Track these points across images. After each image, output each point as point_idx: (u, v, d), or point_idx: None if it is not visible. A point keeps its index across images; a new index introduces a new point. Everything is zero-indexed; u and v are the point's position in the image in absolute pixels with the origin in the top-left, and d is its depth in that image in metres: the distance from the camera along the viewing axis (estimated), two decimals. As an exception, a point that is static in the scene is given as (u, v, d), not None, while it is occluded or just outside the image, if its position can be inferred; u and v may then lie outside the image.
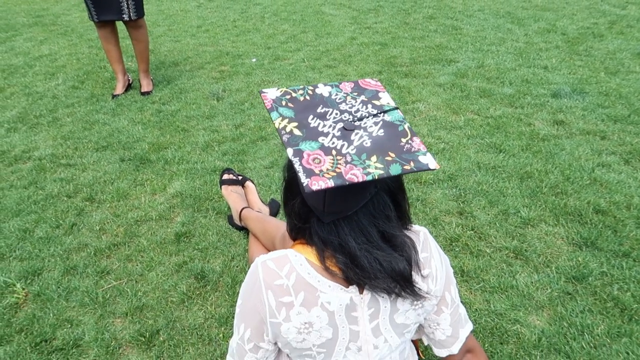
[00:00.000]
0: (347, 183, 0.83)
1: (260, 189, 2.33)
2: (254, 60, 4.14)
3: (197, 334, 1.63)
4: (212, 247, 2.02)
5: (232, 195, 2.12)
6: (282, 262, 1.01)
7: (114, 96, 3.46)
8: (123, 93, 3.50)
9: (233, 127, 3.02)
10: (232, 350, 1.14)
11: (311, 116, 0.94)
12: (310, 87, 1.00)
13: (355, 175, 0.84)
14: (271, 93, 0.97)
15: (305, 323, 1.00)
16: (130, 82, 3.62)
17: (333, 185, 0.82)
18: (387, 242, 0.99)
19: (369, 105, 0.99)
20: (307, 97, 0.98)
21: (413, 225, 1.08)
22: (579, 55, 3.97)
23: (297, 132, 0.90)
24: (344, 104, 0.98)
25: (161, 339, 1.62)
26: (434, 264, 1.07)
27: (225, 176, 2.18)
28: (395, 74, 3.71)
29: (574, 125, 2.89)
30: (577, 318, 1.63)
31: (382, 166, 0.87)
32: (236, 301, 1.74)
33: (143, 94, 3.49)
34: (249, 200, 2.14)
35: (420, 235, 1.08)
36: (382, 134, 0.93)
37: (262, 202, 2.18)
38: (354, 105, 0.98)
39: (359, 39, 4.55)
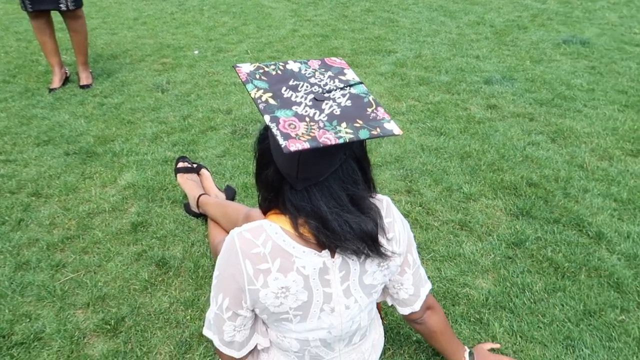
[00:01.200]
0: (322, 145, 0.90)
1: (214, 177, 2.35)
2: (196, 52, 4.10)
3: (164, 318, 1.65)
4: (171, 235, 2.03)
5: (188, 183, 2.13)
6: (257, 232, 1.07)
7: (50, 90, 3.32)
8: (60, 87, 3.37)
9: (181, 118, 3.00)
10: (209, 322, 1.18)
11: (284, 88, 1.00)
12: (281, 63, 1.07)
13: (329, 138, 0.92)
14: (245, 67, 1.03)
15: (282, 288, 1.07)
16: (68, 75, 3.49)
17: (309, 147, 0.89)
18: (355, 205, 1.07)
19: (336, 80, 1.07)
20: (279, 72, 1.04)
21: (376, 194, 1.17)
22: (506, 45, 4.26)
23: (272, 101, 0.97)
24: (313, 78, 1.05)
25: (127, 325, 1.62)
26: (397, 228, 1.17)
27: (180, 164, 2.18)
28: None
29: (505, 108, 3.12)
30: (518, 278, 1.79)
31: (351, 131, 0.95)
32: (202, 283, 1.78)
33: (82, 87, 3.38)
34: (205, 187, 2.16)
35: (384, 203, 1.17)
36: (350, 104, 1.01)
37: (218, 188, 2.21)
38: (323, 80, 1.06)
39: (300, 31, 4.62)
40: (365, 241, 1.07)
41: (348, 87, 1.06)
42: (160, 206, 2.21)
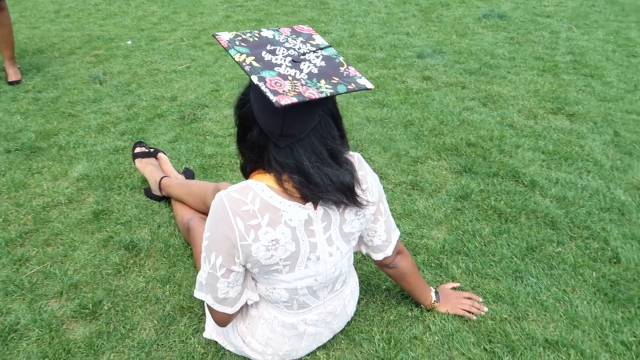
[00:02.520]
0: (307, 99, 1.00)
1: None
2: (129, 42, 4.00)
3: (142, 297, 1.67)
4: (135, 220, 2.03)
5: (147, 167, 2.14)
6: (245, 191, 1.14)
7: (-24, 88, 3.13)
8: (-13, 84, 3.19)
9: (125, 108, 2.95)
10: (200, 284, 1.24)
11: (264, 52, 1.09)
12: (256, 31, 1.14)
13: (312, 93, 1.02)
14: (224, 36, 1.10)
15: (272, 240, 1.15)
16: (-7, 72, 3.30)
17: (297, 101, 0.98)
18: (334, 159, 1.17)
19: (308, 44, 1.16)
20: (256, 39, 1.12)
21: (348, 151, 1.27)
22: (432, 22, 4.50)
23: (255, 64, 1.05)
24: (287, 43, 1.14)
25: (106, 307, 1.64)
26: (369, 180, 1.29)
27: (137, 149, 2.18)
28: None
29: (439, 79, 3.33)
30: (468, 226, 1.98)
31: (330, 87, 1.05)
32: (175, 261, 1.81)
33: (11, 83, 3.22)
34: (164, 171, 2.18)
35: (355, 158, 1.28)
36: (324, 64, 1.11)
37: (177, 171, 2.23)
38: (296, 44, 1.15)
39: (234, 17, 4.62)
40: (344, 192, 1.17)
41: (320, 50, 1.16)
42: (119, 194, 2.20)
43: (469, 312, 1.59)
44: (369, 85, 1.11)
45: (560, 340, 1.50)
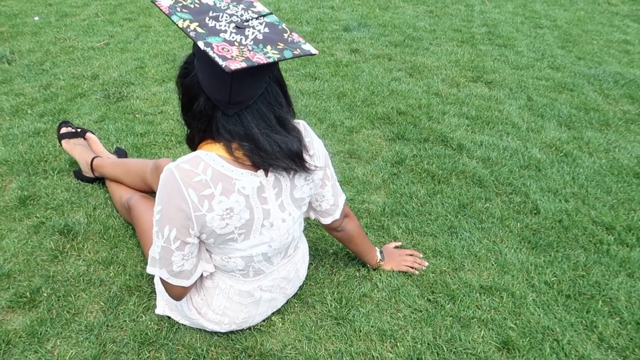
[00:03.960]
0: (256, 64, 1.01)
1: (99, 142, 2.25)
2: (36, 18, 3.70)
3: (85, 280, 1.61)
4: (67, 203, 1.93)
5: (76, 149, 2.03)
6: (195, 162, 1.14)
7: None
8: None
9: (40, 89, 2.75)
10: (153, 259, 1.23)
11: (207, 18, 1.07)
12: None
13: (260, 58, 1.02)
14: (164, 1, 1.07)
15: (227, 209, 1.16)
16: None
17: (245, 66, 0.99)
18: (282, 126, 1.19)
19: (249, 11, 1.16)
20: (197, 5, 1.10)
21: (295, 118, 1.29)
22: (355, -5, 4.56)
23: (200, 30, 1.03)
24: (228, 9, 1.13)
25: (45, 294, 1.56)
26: (315, 146, 1.32)
27: (63, 129, 2.06)
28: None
29: (366, 51, 3.40)
30: (405, 189, 2.08)
31: (277, 52, 1.06)
32: (117, 242, 1.76)
33: None
34: (95, 151, 2.08)
35: (301, 125, 1.30)
36: (268, 30, 1.12)
37: (109, 151, 2.13)
38: (238, 11, 1.14)
39: (151, -10, 4.40)
40: (292, 159, 1.20)
41: (262, 17, 1.16)
42: (45, 178, 2.07)
43: (412, 267, 1.69)
44: (314, 50, 1.13)
45: (494, 286, 1.64)
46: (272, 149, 1.16)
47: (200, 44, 1.00)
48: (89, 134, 2.12)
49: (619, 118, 2.72)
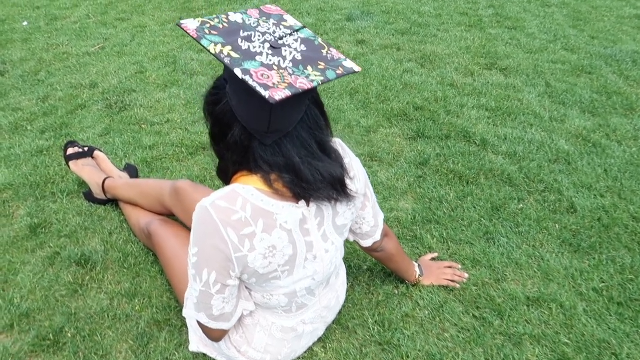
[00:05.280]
0: (300, 91, 0.90)
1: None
2: (25, 23, 3.54)
3: (110, 316, 1.51)
4: (81, 229, 1.82)
5: (85, 170, 1.91)
6: (233, 198, 1.03)
7: None
8: None
9: (38, 101, 2.62)
10: (190, 303, 1.13)
11: (239, 39, 0.96)
12: (224, 16, 1.01)
13: (304, 83, 0.92)
14: (190, 24, 0.95)
15: (269, 247, 1.06)
16: None
17: (290, 94, 0.88)
18: (323, 151, 1.08)
19: (281, 27, 1.05)
20: (225, 25, 0.99)
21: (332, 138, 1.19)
22: (354, -19, 4.40)
23: (234, 54, 0.92)
24: (259, 27, 1.02)
25: (69, 335, 1.46)
26: (355, 166, 1.22)
27: (70, 151, 1.94)
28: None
29: (373, 42, 3.27)
30: (433, 193, 1.99)
31: (319, 74, 0.96)
32: (138, 270, 1.66)
33: None
34: (105, 170, 1.97)
35: (338, 144, 1.20)
36: (305, 48, 1.01)
37: (118, 169, 2.02)
38: (270, 27, 1.02)
39: (142, -14, 4.22)
40: (334, 186, 1.10)
41: (296, 33, 1.04)
42: (54, 202, 1.96)
43: (453, 281, 1.60)
44: (357, 68, 1.03)
45: (541, 296, 1.56)
46: (314, 178, 1.06)
47: (238, 72, 0.89)
48: (97, 152, 2.00)
49: (642, 101, 2.63)
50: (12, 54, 3.11)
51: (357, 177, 1.21)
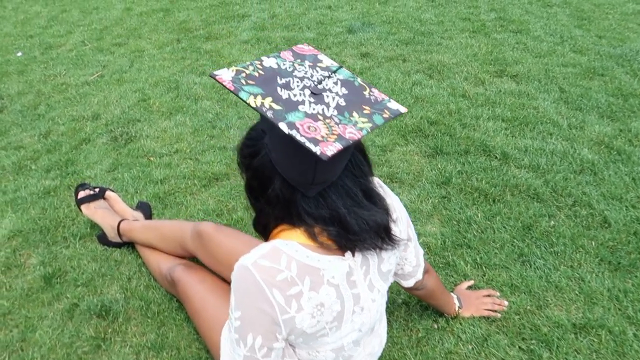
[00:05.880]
0: (351, 142, 0.84)
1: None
2: (19, 54, 3.45)
3: (137, 372, 1.43)
4: (98, 276, 1.74)
5: (98, 213, 1.83)
6: (276, 256, 0.96)
7: None
8: None
9: (40, 138, 2.54)
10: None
11: (278, 88, 0.89)
12: (257, 62, 0.94)
13: (353, 133, 0.85)
14: (225, 75, 0.88)
15: (317, 305, 0.99)
16: None
17: (341, 147, 0.82)
18: (369, 198, 1.01)
19: (318, 69, 0.98)
20: (260, 72, 0.92)
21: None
22: (350, -9, 4.34)
23: (276, 106, 0.85)
24: (296, 71, 0.95)
25: (96, 396, 1.38)
26: (396, 206, 1.14)
27: (81, 194, 1.86)
28: (195, 39, 3.53)
29: (377, 54, 3.21)
30: (460, 214, 1.92)
31: (366, 120, 0.89)
32: (163, 319, 1.57)
33: None
34: (118, 211, 1.88)
35: (375, 183, 1.12)
36: (346, 91, 0.94)
37: (131, 208, 1.94)
38: (307, 71, 0.96)
39: (135, 8, 4.15)
40: (380, 235, 1.03)
41: (334, 74, 0.97)
42: (66, 247, 1.87)
43: (493, 310, 1.53)
44: (402, 109, 0.96)
45: (587, 323, 1.49)
46: (360, 229, 0.98)
47: (284, 127, 0.82)
48: (108, 193, 1.92)
49: (659, 102, 2.58)
50: (9, 88, 3.02)
51: (400, 218, 1.14)
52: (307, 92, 0.91)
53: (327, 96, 0.91)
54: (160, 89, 2.92)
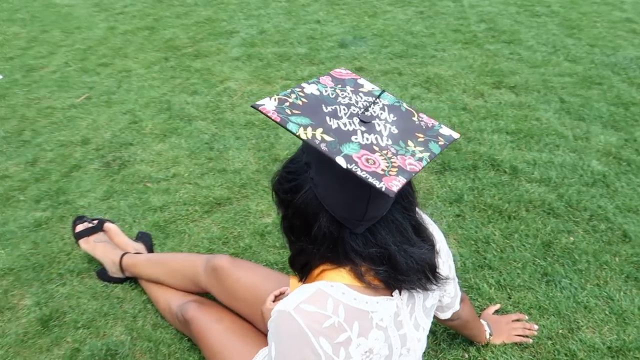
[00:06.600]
0: (413, 174, 0.76)
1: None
2: (0, 77, 3.29)
3: (151, 423, 1.32)
4: (100, 316, 1.62)
5: (98, 247, 1.72)
6: (321, 300, 0.87)
7: None
8: None
9: (27, 166, 2.40)
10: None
11: (327, 117, 0.81)
12: (298, 89, 0.86)
13: (413, 165, 0.78)
14: (268, 105, 0.80)
15: (366, 351, 0.90)
16: None
17: (405, 181, 0.74)
18: (418, 234, 0.94)
19: (361, 95, 0.91)
20: (304, 100, 0.84)
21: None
22: (337, 4, 4.30)
23: (327, 137, 0.77)
24: (339, 98, 0.88)
25: None
26: (437, 237, 1.07)
27: (79, 227, 1.74)
28: (184, 57, 3.43)
29: (372, 68, 3.16)
30: (477, 234, 1.85)
31: (423, 148, 0.83)
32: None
33: None
34: (118, 244, 1.77)
35: (421, 214, 1.05)
36: (395, 118, 0.87)
37: (131, 239, 1.82)
38: (351, 97, 0.89)
39: (119, 27, 4.03)
40: (426, 274, 0.95)
41: (379, 100, 0.90)
42: (62, 285, 1.74)
43: (524, 335, 1.46)
44: (455, 135, 0.89)
45: (623, 345, 1.43)
46: (408, 267, 0.91)
47: (341, 162, 0.74)
48: (107, 224, 1.80)
49: (659, 109, 2.57)
50: (-10, 113, 2.87)
51: (442, 248, 1.06)
52: (356, 120, 0.83)
53: (378, 124, 0.84)
54: (152, 110, 2.81)
